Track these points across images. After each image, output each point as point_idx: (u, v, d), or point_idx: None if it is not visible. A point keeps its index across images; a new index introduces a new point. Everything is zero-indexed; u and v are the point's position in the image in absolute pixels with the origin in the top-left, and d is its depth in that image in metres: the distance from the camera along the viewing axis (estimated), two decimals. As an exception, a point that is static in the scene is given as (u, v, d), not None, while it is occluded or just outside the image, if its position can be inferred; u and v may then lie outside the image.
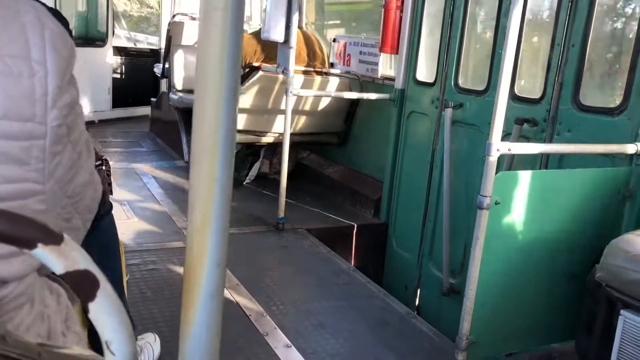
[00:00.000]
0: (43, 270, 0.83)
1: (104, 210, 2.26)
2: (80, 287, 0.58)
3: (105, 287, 0.60)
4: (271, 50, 5.10)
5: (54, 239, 0.56)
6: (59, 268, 0.57)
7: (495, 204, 2.69)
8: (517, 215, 2.77)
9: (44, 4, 0.83)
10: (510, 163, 3.55)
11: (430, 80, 4.51)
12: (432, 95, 4.48)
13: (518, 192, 2.75)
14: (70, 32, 1.95)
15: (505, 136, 3.57)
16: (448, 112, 4.13)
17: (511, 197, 2.75)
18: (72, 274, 0.57)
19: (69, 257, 0.57)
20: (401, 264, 4.85)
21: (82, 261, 0.58)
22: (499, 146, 2.64)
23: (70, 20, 7.85)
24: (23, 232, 0.55)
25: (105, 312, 0.60)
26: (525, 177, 2.77)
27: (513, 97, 3.66)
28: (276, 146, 5.78)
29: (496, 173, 2.66)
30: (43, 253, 0.55)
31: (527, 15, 3.66)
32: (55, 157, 0.70)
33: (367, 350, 3.06)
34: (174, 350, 2.71)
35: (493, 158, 2.63)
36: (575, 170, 2.97)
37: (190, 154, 0.71)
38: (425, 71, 4.64)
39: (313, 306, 3.47)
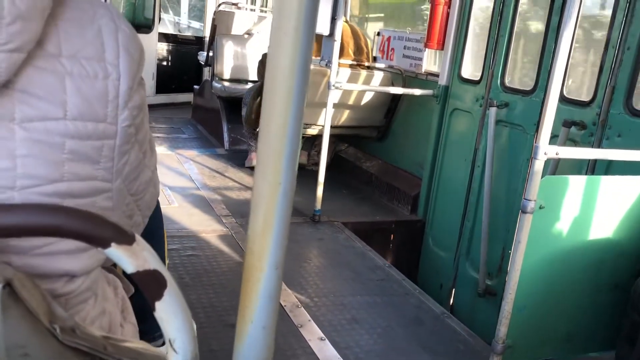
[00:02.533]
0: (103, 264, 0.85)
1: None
2: (148, 286, 0.60)
3: (172, 287, 0.62)
4: (317, 43, 5.10)
5: (126, 238, 0.58)
6: (130, 267, 0.59)
7: (540, 208, 2.63)
8: (561, 221, 2.71)
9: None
10: (555, 166, 3.48)
11: (476, 77, 4.44)
12: (476, 93, 4.41)
13: (564, 197, 2.69)
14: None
15: (552, 138, 3.48)
16: (493, 111, 4.06)
17: (556, 202, 2.69)
18: (142, 273, 0.59)
19: (139, 257, 0.59)
20: (437, 262, 4.81)
21: (152, 261, 0.60)
22: (546, 149, 2.58)
23: (119, 6, 8.02)
24: (98, 231, 0.56)
25: (171, 311, 0.62)
26: (572, 182, 2.70)
27: (561, 98, 3.58)
28: (315, 138, 5.79)
29: (541, 176, 2.61)
30: (116, 252, 0.57)
31: (581, 14, 3.56)
32: (123, 156, 0.72)
33: (401, 348, 3.06)
34: (210, 337, 2.77)
35: (540, 161, 2.57)
36: (625, 178, 2.89)
37: (257, 160, 0.72)
38: (470, 68, 4.57)
39: (347, 300, 3.48)
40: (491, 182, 4.08)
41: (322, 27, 4.37)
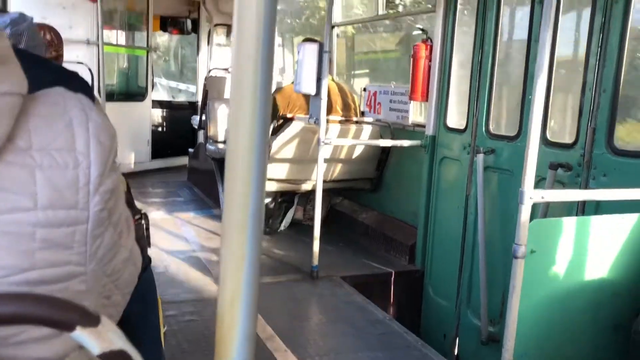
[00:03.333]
0: None
1: (143, 264, 2.32)
2: (115, 366, 0.62)
3: (139, 366, 0.63)
4: (305, 101, 5.23)
5: (91, 321, 0.60)
6: (96, 349, 0.60)
7: (531, 252, 2.65)
8: (554, 264, 2.72)
9: (89, 91, 0.89)
10: (546, 209, 3.50)
11: (461, 126, 4.53)
12: (463, 141, 4.49)
13: (554, 240, 2.70)
14: (93, 98, 2.06)
15: (540, 181, 3.54)
16: (480, 158, 4.13)
17: (547, 245, 2.71)
18: (108, 354, 0.61)
19: (105, 338, 0.61)
20: (439, 312, 4.76)
21: (118, 342, 0.62)
22: (531, 194, 2.61)
23: (113, 77, 8.23)
24: (63, 315, 0.59)
25: (139, 389, 0.63)
26: (561, 224, 2.73)
27: (545, 142, 3.64)
28: (310, 193, 5.83)
29: (531, 220, 2.63)
30: (81, 335, 0.59)
31: (557, 60, 3.67)
32: (96, 239, 0.74)
33: (405, 404, 3.00)
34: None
35: (526, 206, 2.60)
36: (615, 217, 2.91)
37: (221, 232, 0.75)
38: (455, 117, 4.66)
39: (349, 357, 3.44)
40: (485, 228, 4.10)
41: (309, 87, 4.49)
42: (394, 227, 5.43)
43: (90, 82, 6.76)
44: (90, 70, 6.85)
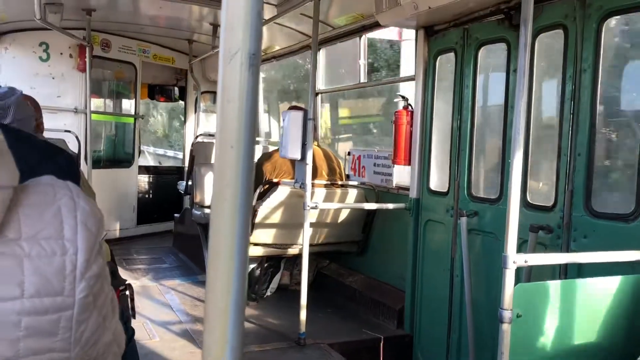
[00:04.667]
0: None
1: (127, 336, 2.28)
2: None
3: None
4: (291, 166, 5.30)
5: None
6: None
7: (517, 317, 2.65)
8: (541, 327, 2.71)
9: (76, 175, 0.91)
10: (529, 271, 3.53)
11: (444, 189, 4.60)
12: (446, 204, 4.55)
13: (540, 303, 2.71)
14: (77, 166, 2.09)
15: (522, 243, 3.58)
16: (463, 221, 4.18)
17: (534, 309, 2.71)
18: None
19: None
20: (429, 377, 4.67)
21: None
22: (515, 258, 2.64)
23: (100, 144, 8.30)
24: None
25: None
26: (546, 288, 2.75)
27: (526, 204, 3.71)
28: (296, 257, 5.81)
29: (515, 282, 2.64)
30: None
31: (533, 125, 3.79)
32: (81, 325, 0.75)
33: None
34: None
35: (510, 270, 2.63)
36: (599, 279, 2.93)
37: (205, 300, 0.77)
38: (438, 181, 4.75)
39: None
40: (471, 291, 4.09)
41: (294, 152, 4.57)
42: (382, 291, 5.39)
43: (77, 150, 6.84)
44: (77, 137, 6.91)
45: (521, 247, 3.52)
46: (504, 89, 4.02)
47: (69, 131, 6.76)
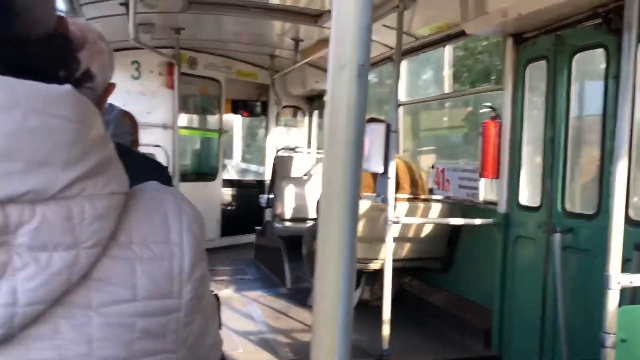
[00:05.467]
0: None
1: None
2: None
3: None
4: (372, 179, 5.25)
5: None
6: None
7: (621, 341, 2.46)
8: (650, 355, 2.50)
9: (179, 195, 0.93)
10: (633, 293, 3.27)
11: (535, 204, 4.38)
12: (538, 220, 4.33)
13: (648, 328, 2.50)
14: (170, 180, 2.14)
15: (625, 262, 3.33)
16: (557, 238, 3.95)
17: (639, 334, 2.50)
18: None
19: None
20: (519, 402, 4.43)
21: None
22: (619, 279, 2.46)
23: (186, 158, 8.64)
24: None
25: None
26: (654, 312, 2.53)
27: (629, 221, 3.45)
28: (377, 273, 5.73)
29: (619, 306, 2.46)
30: None
31: (636, 133, 3.53)
32: (187, 327, 0.76)
33: None
34: None
35: (613, 292, 2.45)
36: None
37: (312, 323, 0.74)
38: (529, 195, 4.53)
39: None
40: (565, 313, 3.85)
41: (376, 165, 4.52)
42: (467, 309, 5.20)
43: (166, 164, 7.15)
44: (166, 152, 7.22)
45: (624, 267, 3.27)
46: (602, 97, 3.78)
47: (158, 146, 7.07)
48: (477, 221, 4.85)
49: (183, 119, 8.60)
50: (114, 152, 0.76)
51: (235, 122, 13.30)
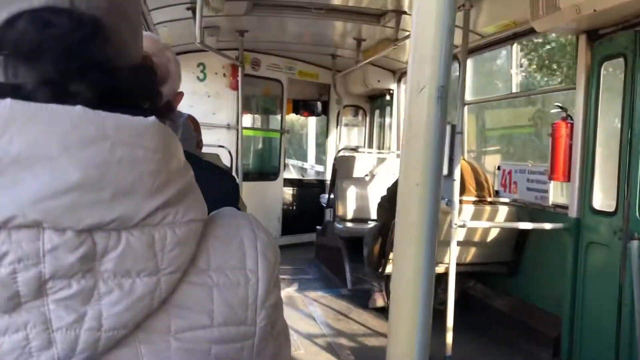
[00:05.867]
0: None
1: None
2: None
3: None
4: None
5: None
6: None
7: None
8: None
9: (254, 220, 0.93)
10: None
11: (610, 208, 4.17)
12: (613, 225, 4.11)
13: None
14: (237, 186, 2.16)
15: None
16: (634, 245, 3.74)
17: None
18: None
19: None
20: (591, 416, 4.24)
21: None
22: None
23: (249, 158, 8.78)
24: None
25: None
26: None
27: None
28: (440, 276, 5.63)
29: None
30: None
31: None
32: (260, 353, 0.76)
33: None
34: None
35: (702, 308, 2.28)
36: None
37: (388, 327, 0.72)
38: (603, 199, 4.32)
39: None
40: (645, 324, 3.65)
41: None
42: (534, 316, 5.02)
43: (229, 164, 7.29)
44: (230, 152, 7.36)
45: None
46: (686, 96, 3.55)
47: (222, 146, 7.22)
48: (547, 226, 4.67)
49: (246, 119, 8.75)
50: (193, 180, 0.76)
51: (310, 123, 13.40)
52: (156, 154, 0.62)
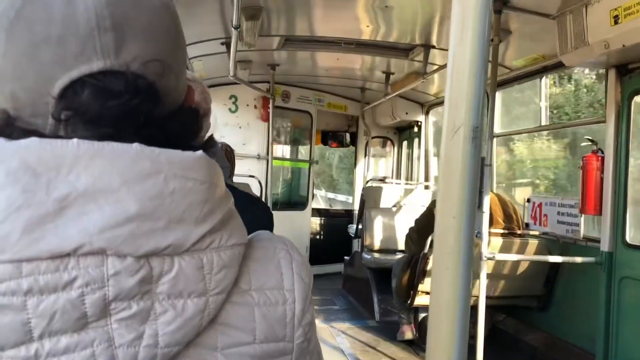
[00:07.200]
0: None
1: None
2: None
3: None
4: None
5: None
6: None
7: None
8: None
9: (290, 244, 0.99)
10: None
11: (644, 243, 4.11)
12: (647, 260, 4.05)
13: None
14: (271, 215, 2.22)
15: None
16: (670, 281, 3.67)
17: None
18: None
19: None
20: None
21: None
22: None
23: (278, 187, 8.88)
24: None
25: None
26: None
27: None
28: (469, 309, 5.57)
29: None
30: None
31: None
32: None
33: None
34: None
35: None
36: None
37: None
38: (635, 232, 4.26)
39: None
40: (682, 362, 3.55)
41: (469, 200, 4.44)
42: (568, 352, 4.91)
43: (259, 193, 7.39)
44: (260, 182, 7.47)
45: None
46: None
47: (252, 176, 7.33)
48: (578, 259, 4.61)
49: (275, 150, 8.89)
50: (233, 207, 0.83)
51: (325, 152, 13.48)
52: (203, 185, 0.68)
